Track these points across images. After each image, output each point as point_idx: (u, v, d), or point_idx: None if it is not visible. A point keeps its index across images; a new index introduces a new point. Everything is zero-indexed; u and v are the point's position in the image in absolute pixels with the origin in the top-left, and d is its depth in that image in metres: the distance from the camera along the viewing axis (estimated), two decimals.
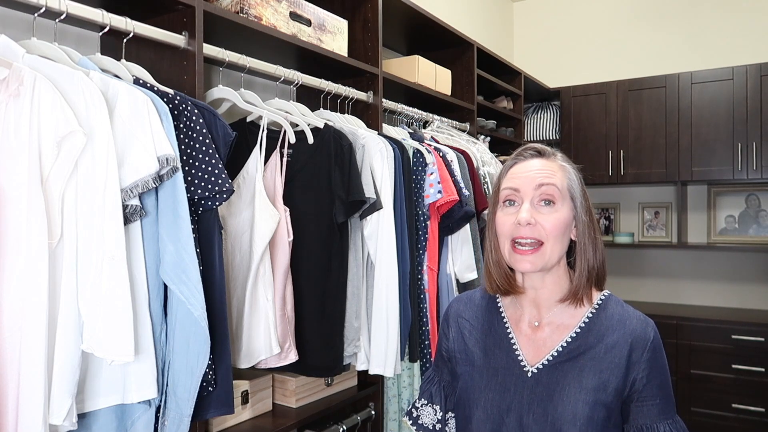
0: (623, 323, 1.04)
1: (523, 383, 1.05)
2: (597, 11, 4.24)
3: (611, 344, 1.03)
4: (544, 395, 1.03)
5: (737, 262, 3.77)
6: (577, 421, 0.99)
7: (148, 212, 1.24)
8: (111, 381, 1.20)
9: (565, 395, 1.01)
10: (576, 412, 0.99)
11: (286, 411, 1.78)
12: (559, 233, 1.03)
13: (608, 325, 1.05)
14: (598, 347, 1.03)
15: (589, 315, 1.07)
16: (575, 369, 1.03)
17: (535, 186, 1.03)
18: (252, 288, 1.56)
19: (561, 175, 1.05)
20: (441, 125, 2.66)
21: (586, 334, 1.05)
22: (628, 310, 1.07)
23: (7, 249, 1.05)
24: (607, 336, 1.04)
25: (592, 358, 1.03)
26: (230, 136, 1.41)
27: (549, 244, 1.02)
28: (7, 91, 1.07)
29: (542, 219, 1.02)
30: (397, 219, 1.88)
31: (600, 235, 1.08)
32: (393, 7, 2.29)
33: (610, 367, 1.01)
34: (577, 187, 1.06)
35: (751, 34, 3.73)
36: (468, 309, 1.18)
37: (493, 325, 1.13)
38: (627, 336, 1.03)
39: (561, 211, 1.03)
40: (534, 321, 1.09)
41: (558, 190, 1.03)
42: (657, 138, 3.66)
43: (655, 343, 1.03)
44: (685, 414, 3.38)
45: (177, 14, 1.48)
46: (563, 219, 1.03)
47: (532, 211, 1.02)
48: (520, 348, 1.08)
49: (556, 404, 1.01)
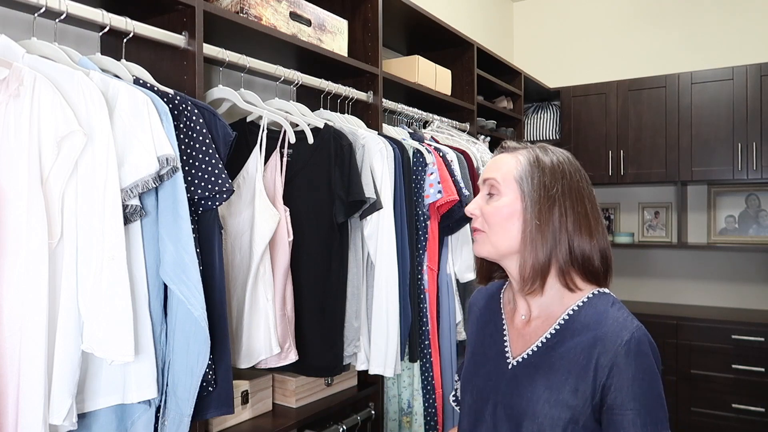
0: (599, 324, 0.99)
1: (503, 374, 1.06)
2: (597, 11, 4.24)
3: (583, 344, 0.98)
4: (516, 389, 1.03)
5: (737, 262, 3.77)
6: (536, 418, 0.97)
7: (148, 212, 1.24)
8: (111, 381, 1.20)
9: (530, 391, 1.00)
10: (536, 410, 0.98)
11: (286, 411, 1.78)
12: (496, 221, 1.05)
13: (586, 323, 1.00)
14: (571, 346, 0.99)
15: (570, 312, 1.03)
16: (546, 365, 1.01)
17: (482, 181, 1.10)
18: (252, 288, 1.56)
19: (509, 167, 1.06)
20: (441, 125, 2.66)
21: (564, 331, 1.02)
22: (611, 310, 1.00)
23: (7, 249, 1.05)
24: (582, 335, 0.99)
25: (562, 356, 1.00)
26: (230, 136, 1.41)
27: (490, 232, 1.06)
28: (7, 91, 1.07)
29: (484, 209, 1.07)
30: (397, 219, 1.88)
31: (593, 230, 1.02)
32: (393, 7, 2.28)
33: (577, 368, 0.97)
34: (527, 176, 1.04)
35: (751, 34, 3.73)
36: (481, 299, 1.24)
37: (493, 316, 1.17)
38: (598, 338, 0.97)
39: (501, 200, 1.05)
40: (525, 314, 1.10)
41: (498, 181, 1.06)
42: (657, 138, 3.66)
43: (630, 349, 0.94)
44: (685, 414, 3.38)
45: (177, 14, 1.48)
46: (500, 207, 1.05)
47: (481, 203, 1.08)
48: (509, 340, 1.10)
49: (521, 398, 1.01)
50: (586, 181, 1.07)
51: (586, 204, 1.04)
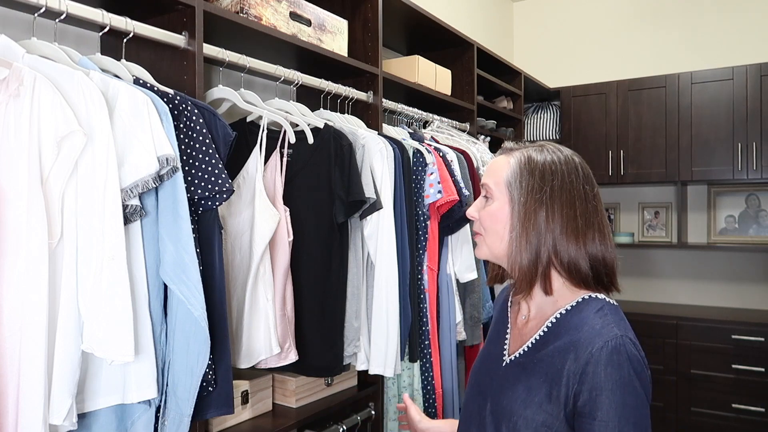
0: (578, 329, 0.97)
1: (497, 372, 1.08)
2: (597, 11, 4.24)
3: (560, 349, 0.97)
4: (502, 386, 1.04)
5: (737, 262, 3.77)
6: (512, 417, 0.98)
7: (148, 212, 1.24)
8: (111, 381, 1.20)
9: (512, 390, 1.01)
10: (513, 410, 0.98)
11: (286, 411, 1.78)
12: (490, 225, 1.06)
13: (568, 328, 0.99)
14: (550, 349, 0.99)
15: (557, 316, 1.02)
16: (530, 367, 1.01)
17: (482, 185, 1.11)
18: (252, 288, 1.56)
19: (502, 171, 1.06)
20: (441, 125, 2.66)
21: (549, 334, 1.01)
22: (592, 317, 0.97)
23: (7, 249, 1.05)
24: (561, 339, 0.98)
25: (542, 359, 0.99)
26: (230, 136, 1.41)
27: (485, 235, 1.08)
28: (7, 91, 1.07)
29: (481, 213, 1.09)
30: (397, 219, 1.88)
31: (580, 233, 0.99)
32: (393, 7, 2.29)
33: (552, 372, 0.96)
34: (515, 179, 1.03)
35: (751, 34, 3.73)
36: (501, 298, 1.26)
37: (503, 315, 1.19)
38: (572, 343, 0.95)
39: (494, 204, 1.06)
40: (524, 315, 1.11)
41: (491, 186, 1.07)
42: (657, 138, 3.66)
43: (600, 357, 0.91)
44: (685, 414, 3.38)
45: (177, 14, 1.48)
46: (493, 212, 1.05)
47: (479, 206, 1.10)
48: (509, 339, 1.12)
49: (503, 397, 1.02)
50: (584, 181, 1.02)
51: (578, 206, 1.00)
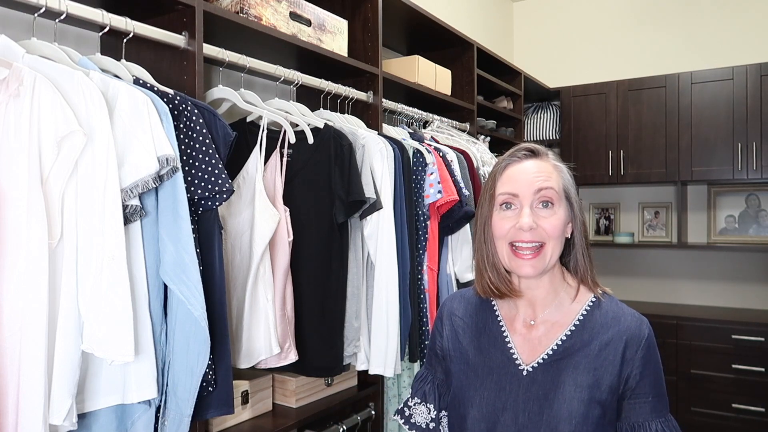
0: (618, 320, 1.05)
1: (519, 382, 1.05)
2: (597, 11, 4.24)
3: (606, 341, 1.04)
4: (539, 393, 1.03)
5: (737, 262, 3.76)
6: (572, 419, 1.00)
7: (148, 212, 1.24)
8: (111, 381, 1.20)
9: (561, 393, 1.02)
10: (571, 410, 1.00)
11: (286, 411, 1.78)
12: (558, 234, 1.04)
13: (603, 322, 1.06)
14: (593, 344, 1.04)
15: (584, 312, 1.08)
16: (570, 367, 1.03)
17: (534, 190, 1.03)
18: (252, 288, 1.56)
19: (556, 176, 1.06)
20: (441, 125, 2.66)
21: (581, 332, 1.06)
22: (622, 307, 1.08)
23: (7, 249, 1.05)
24: (602, 333, 1.04)
25: (586, 355, 1.03)
26: (230, 136, 1.41)
27: (550, 246, 1.03)
28: (7, 91, 1.07)
29: (542, 222, 1.03)
30: (397, 219, 1.88)
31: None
32: (393, 7, 2.29)
33: (604, 364, 1.02)
34: (572, 187, 1.08)
35: (751, 34, 3.73)
36: (461, 307, 1.18)
37: (488, 323, 1.14)
38: (622, 333, 1.04)
39: (559, 212, 1.04)
40: (529, 320, 1.09)
41: (555, 192, 1.04)
42: (657, 138, 3.66)
43: (649, 341, 1.04)
44: (685, 414, 3.38)
45: (177, 14, 1.48)
46: (562, 220, 1.05)
47: (532, 215, 1.03)
48: (515, 347, 1.09)
49: (552, 402, 1.01)
50: None
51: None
